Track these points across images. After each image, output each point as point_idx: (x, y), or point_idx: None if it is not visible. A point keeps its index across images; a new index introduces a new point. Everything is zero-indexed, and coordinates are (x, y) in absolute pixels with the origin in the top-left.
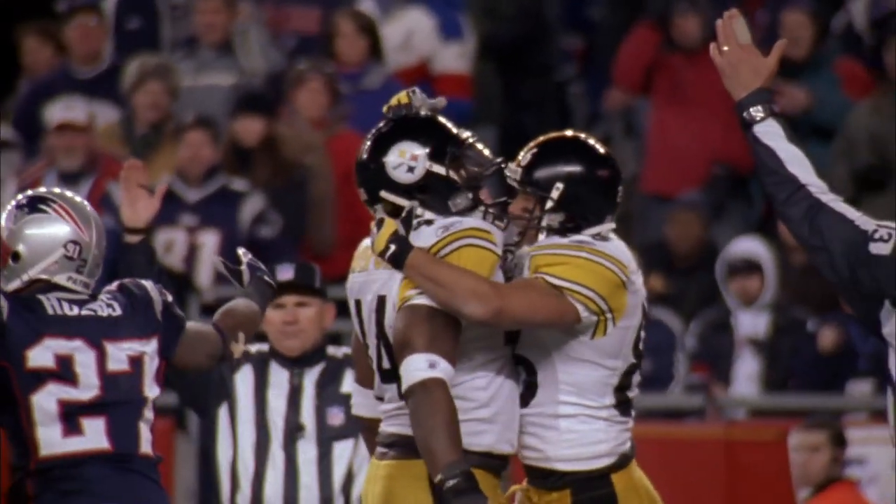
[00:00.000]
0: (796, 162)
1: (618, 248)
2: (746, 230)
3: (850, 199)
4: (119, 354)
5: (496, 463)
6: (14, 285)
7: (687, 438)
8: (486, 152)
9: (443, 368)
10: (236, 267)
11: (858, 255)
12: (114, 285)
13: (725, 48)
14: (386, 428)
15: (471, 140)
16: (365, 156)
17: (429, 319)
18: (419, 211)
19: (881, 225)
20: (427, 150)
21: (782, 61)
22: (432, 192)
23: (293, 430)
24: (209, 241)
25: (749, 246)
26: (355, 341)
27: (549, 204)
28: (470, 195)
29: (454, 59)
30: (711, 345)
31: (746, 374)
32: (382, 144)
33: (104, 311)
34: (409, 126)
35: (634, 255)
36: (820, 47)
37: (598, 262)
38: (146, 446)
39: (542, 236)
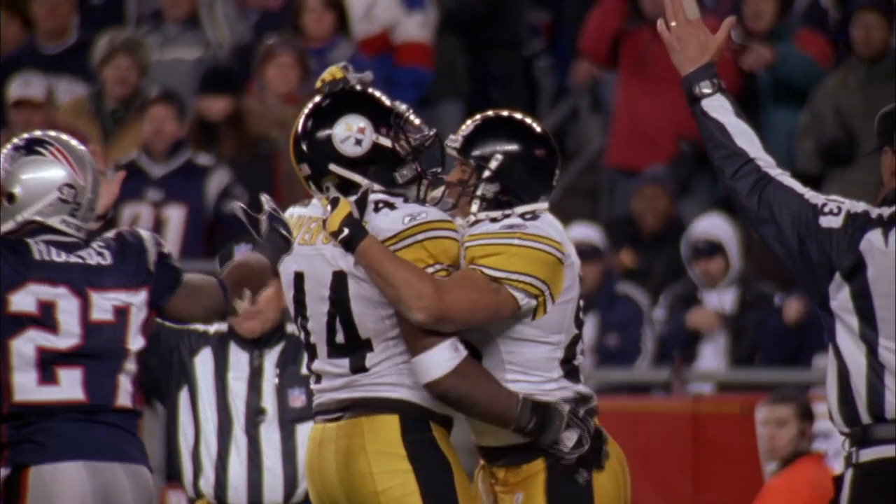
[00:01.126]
0: (745, 137)
1: (549, 223)
2: (714, 206)
3: (816, 174)
4: (104, 304)
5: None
6: (8, 226)
7: (654, 412)
8: (419, 123)
9: (461, 347)
10: (256, 215)
11: (809, 228)
12: (111, 233)
13: (673, 23)
14: (335, 395)
15: (408, 113)
16: (308, 130)
17: None
18: (375, 190)
19: (830, 199)
20: (372, 123)
21: (744, 35)
22: (379, 163)
23: (255, 414)
24: (175, 215)
25: (712, 225)
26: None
27: (487, 173)
28: (414, 166)
29: (416, 28)
30: (679, 319)
31: (713, 347)
32: (327, 118)
33: (93, 259)
34: (350, 100)
35: (602, 230)
36: (782, 21)
37: (531, 246)
38: (125, 398)
39: (474, 206)
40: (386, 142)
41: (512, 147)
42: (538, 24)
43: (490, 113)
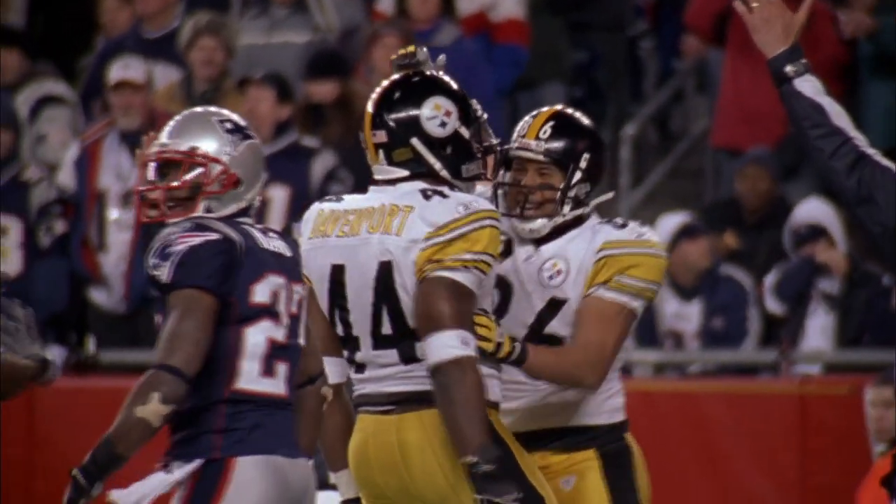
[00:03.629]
0: (841, 116)
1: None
2: (819, 190)
3: None
4: (296, 296)
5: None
6: (230, 210)
7: (761, 394)
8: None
9: (474, 346)
10: None
11: None
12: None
13: (755, 4)
14: (384, 388)
15: (484, 117)
16: (395, 100)
17: (459, 295)
18: (412, 178)
19: None
20: (457, 110)
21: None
22: (453, 151)
23: None
24: (278, 196)
25: (814, 210)
26: (315, 311)
27: (578, 174)
28: (479, 164)
29: (513, 5)
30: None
31: (820, 328)
32: (416, 94)
33: (288, 252)
34: (441, 83)
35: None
36: None
37: (660, 255)
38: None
39: (566, 207)
40: (465, 133)
41: (588, 144)
42: (642, 5)
43: (556, 112)
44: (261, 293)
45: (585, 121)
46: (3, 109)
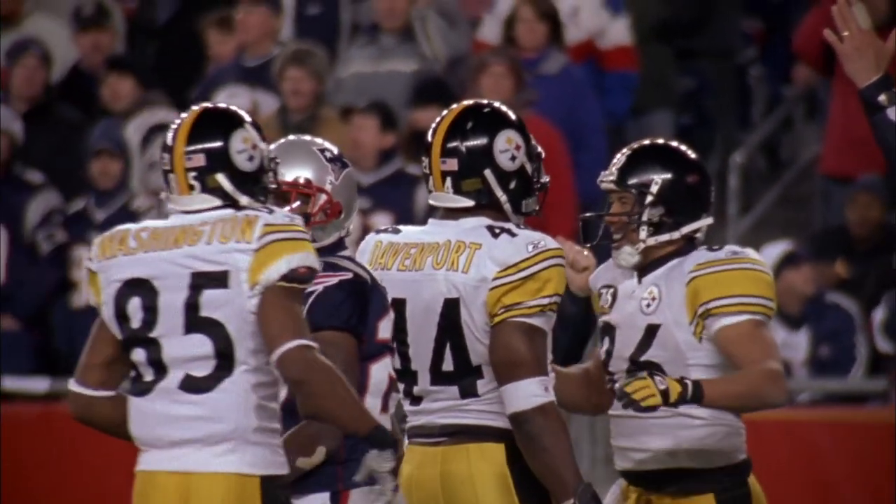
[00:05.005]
0: None
1: (759, 256)
2: None
3: None
4: None
5: None
6: (332, 239)
7: (869, 422)
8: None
9: (552, 390)
10: None
11: None
12: None
13: (846, 34)
14: (437, 420)
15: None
16: (467, 130)
17: (537, 340)
18: (475, 212)
19: None
20: (524, 145)
21: None
22: (517, 185)
23: None
24: (382, 223)
25: None
26: None
27: (649, 198)
28: (537, 200)
29: (622, 32)
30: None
31: None
32: (488, 125)
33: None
34: (511, 116)
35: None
36: None
37: (763, 270)
38: None
39: (643, 233)
40: (529, 168)
41: (667, 172)
42: (751, 32)
43: (639, 143)
44: (384, 329)
45: (676, 153)
46: (114, 138)
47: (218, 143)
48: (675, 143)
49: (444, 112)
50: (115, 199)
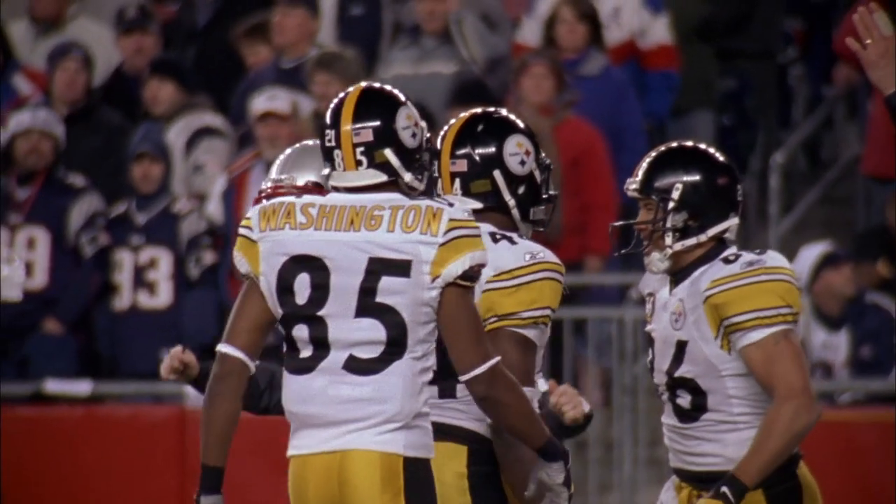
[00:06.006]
0: None
1: (778, 258)
2: None
3: None
4: None
5: None
6: None
7: None
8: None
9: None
10: None
11: None
12: None
13: (868, 41)
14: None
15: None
16: (477, 133)
17: (527, 351)
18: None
19: None
20: (535, 152)
21: None
22: (526, 191)
23: None
24: None
25: None
26: None
27: (672, 204)
28: (545, 211)
29: (663, 31)
30: None
31: None
32: (501, 130)
33: None
34: (518, 124)
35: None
36: None
37: (779, 279)
38: None
39: (668, 239)
40: (538, 175)
41: (689, 175)
42: (792, 32)
43: (661, 148)
44: None
45: (698, 155)
46: (155, 141)
47: (384, 120)
48: (697, 145)
49: (453, 119)
50: (157, 202)
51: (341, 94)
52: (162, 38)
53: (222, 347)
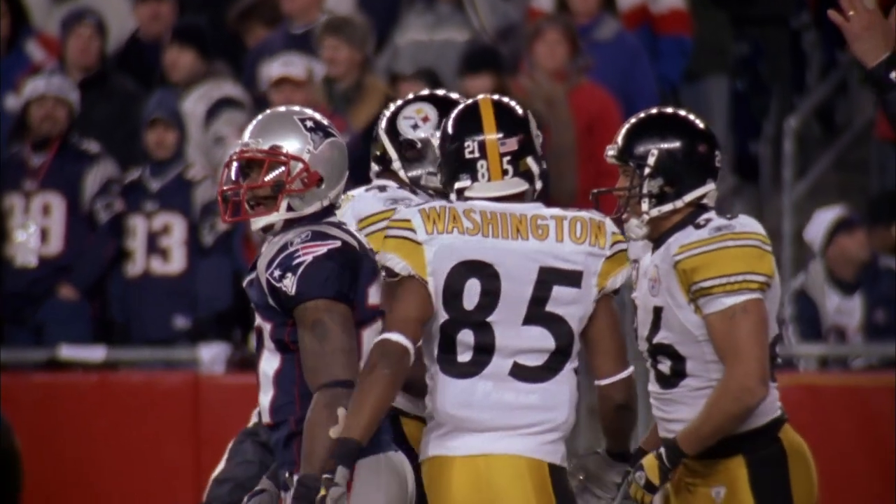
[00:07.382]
0: None
1: (749, 222)
2: None
3: None
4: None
5: None
6: (313, 208)
7: None
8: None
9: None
10: None
11: None
12: None
13: (851, 13)
14: None
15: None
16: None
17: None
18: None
19: None
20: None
21: None
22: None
23: None
24: None
25: None
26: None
27: (647, 170)
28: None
29: None
30: None
31: None
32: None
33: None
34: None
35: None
36: None
37: (747, 244)
38: None
39: (645, 204)
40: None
41: (665, 142)
42: None
43: (641, 114)
44: (374, 295)
45: (675, 121)
46: (170, 108)
47: (524, 130)
48: (677, 111)
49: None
50: (171, 168)
51: (461, 106)
52: (178, 5)
53: (392, 335)
